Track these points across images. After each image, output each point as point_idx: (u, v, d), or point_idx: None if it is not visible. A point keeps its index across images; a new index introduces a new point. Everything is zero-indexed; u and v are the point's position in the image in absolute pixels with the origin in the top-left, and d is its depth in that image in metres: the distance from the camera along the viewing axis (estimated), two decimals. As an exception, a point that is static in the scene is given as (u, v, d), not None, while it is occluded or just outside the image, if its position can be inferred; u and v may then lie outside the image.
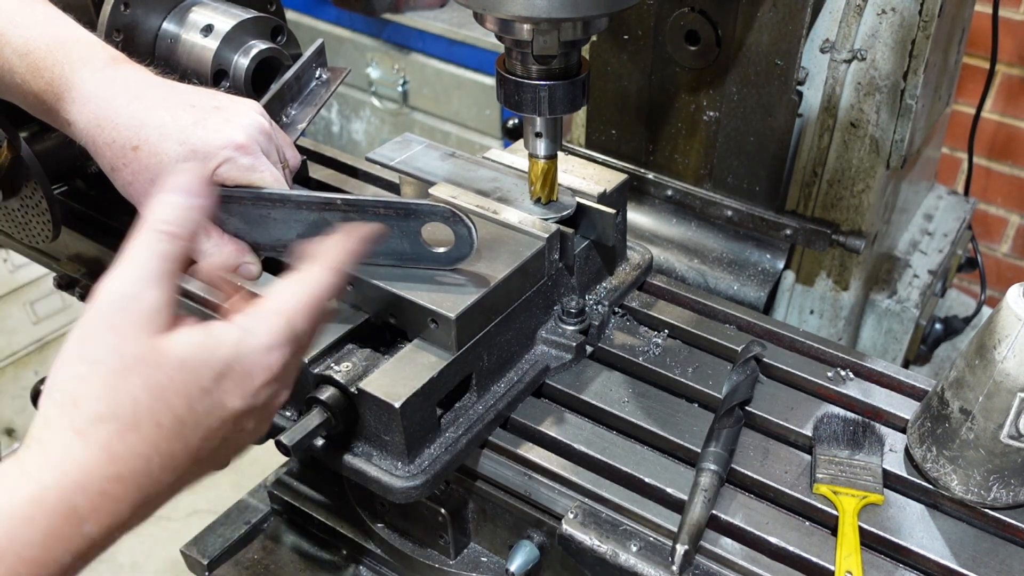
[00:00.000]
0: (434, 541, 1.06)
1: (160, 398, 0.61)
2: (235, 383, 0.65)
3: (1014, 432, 0.84)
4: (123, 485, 0.59)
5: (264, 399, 0.68)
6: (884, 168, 1.26)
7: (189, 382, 0.62)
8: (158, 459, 0.61)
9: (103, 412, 0.59)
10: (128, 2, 1.15)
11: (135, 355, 0.61)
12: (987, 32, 1.61)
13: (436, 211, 0.89)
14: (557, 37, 0.91)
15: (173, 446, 0.62)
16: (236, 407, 0.66)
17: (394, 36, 3.23)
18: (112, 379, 0.60)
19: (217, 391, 0.64)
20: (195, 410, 0.63)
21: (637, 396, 1.03)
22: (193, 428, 0.63)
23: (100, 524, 0.58)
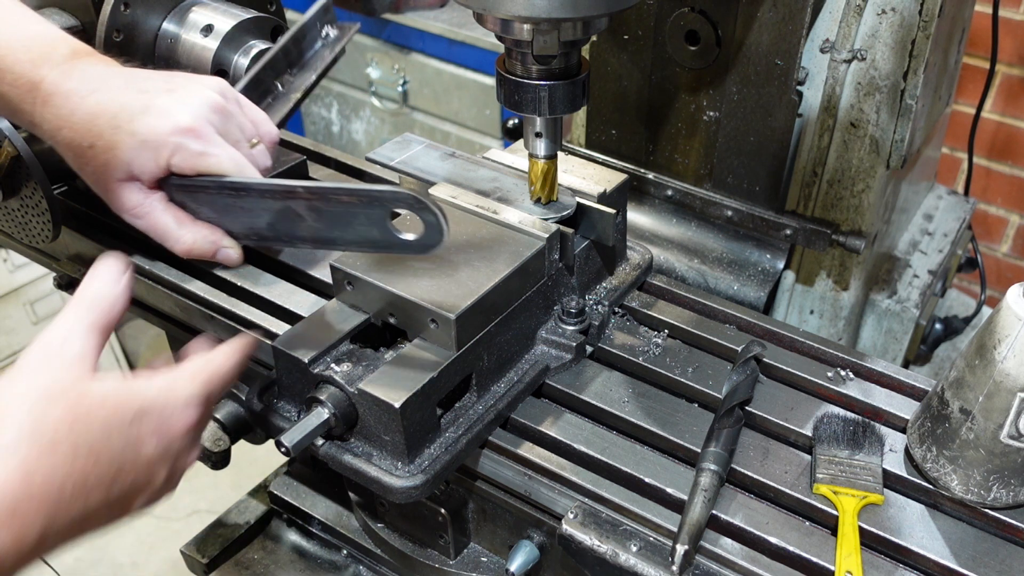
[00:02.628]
0: (434, 541, 1.06)
1: (79, 427, 0.64)
2: (153, 427, 0.69)
3: (1014, 432, 0.84)
4: (34, 505, 0.61)
5: (176, 451, 0.72)
6: (884, 168, 1.26)
7: (109, 417, 0.66)
8: (70, 485, 0.64)
9: (24, 435, 0.62)
10: (128, 2, 1.15)
11: (60, 388, 0.65)
12: (987, 32, 1.61)
13: (400, 198, 0.86)
14: (557, 37, 0.91)
15: (87, 476, 0.64)
16: (150, 451, 0.69)
17: (394, 36, 3.23)
18: (35, 407, 0.64)
19: (135, 431, 0.68)
20: (111, 446, 0.66)
21: (637, 396, 1.03)
22: (108, 463, 0.66)
23: (11, 534, 0.60)
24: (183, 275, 1.13)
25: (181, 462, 0.75)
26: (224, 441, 1.13)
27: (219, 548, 1.18)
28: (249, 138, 0.95)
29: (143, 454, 0.69)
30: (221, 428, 1.13)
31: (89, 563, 2.71)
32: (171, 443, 0.72)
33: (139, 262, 1.18)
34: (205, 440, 1.12)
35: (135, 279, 0.78)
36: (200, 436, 0.78)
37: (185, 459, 0.76)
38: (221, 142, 0.91)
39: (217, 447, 1.12)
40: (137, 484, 0.70)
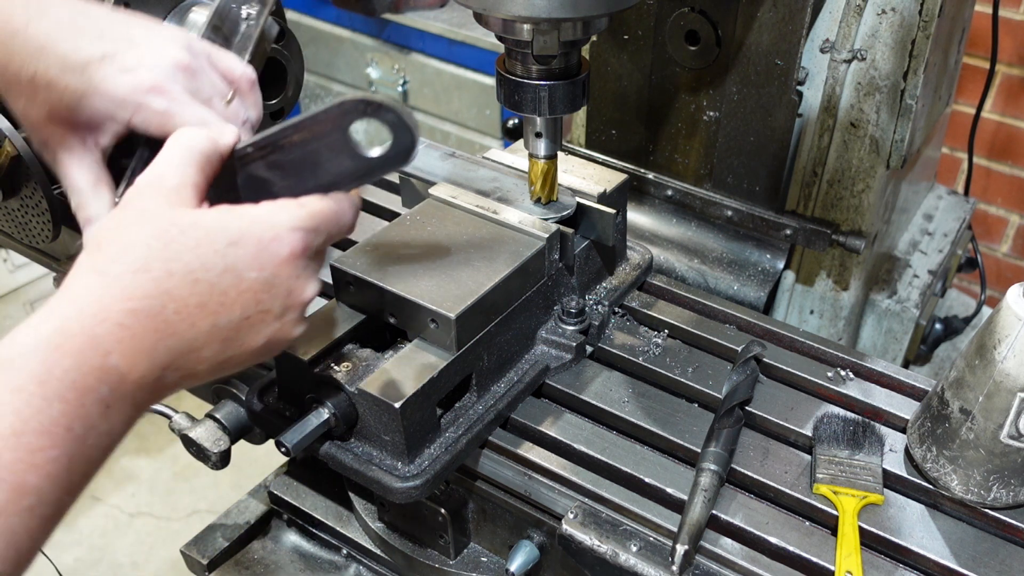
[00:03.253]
0: (434, 541, 1.06)
1: (171, 248, 0.64)
2: (252, 253, 0.67)
3: (1014, 432, 0.84)
4: (138, 320, 0.62)
5: (285, 281, 0.69)
6: (884, 168, 1.26)
7: (202, 240, 0.65)
8: (172, 304, 0.64)
9: (118, 254, 0.64)
10: (128, 2, 1.15)
11: (151, 213, 0.66)
12: (987, 32, 1.60)
13: (348, 108, 0.76)
14: (557, 37, 0.91)
15: (187, 298, 0.64)
16: (252, 277, 0.67)
17: (394, 36, 3.23)
18: (130, 229, 0.65)
19: (232, 255, 0.66)
20: (208, 268, 0.65)
21: (637, 396, 1.03)
22: (208, 287, 0.65)
23: (124, 357, 0.62)
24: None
25: (296, 295, 0.71)
26: (224, 441, 1.13)
27: (219, 548, 1.18)
28: (223, 95, 0.89)
29: (246, 279, 0.67)
30: (221, 428, 1.13)
31: (89, 563, 2.71)
32: (276, 271, 0.69)
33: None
34: (205, 440, 1.12)
35: None
36: (315, 268, 0.73)
37: (300, 292, 0.71)
38: (189, 101, 0.84)
39: (217, 447, 1.12)
40: (248, 315, 0.68)
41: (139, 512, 2.85)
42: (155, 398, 0.67)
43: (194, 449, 1.13)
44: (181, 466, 2.94)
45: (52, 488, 0.58)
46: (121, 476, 2.95)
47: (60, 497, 0.59)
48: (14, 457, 0.56)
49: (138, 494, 2.90)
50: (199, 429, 1.12)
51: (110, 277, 0.63)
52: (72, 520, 2.82)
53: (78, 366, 0.60)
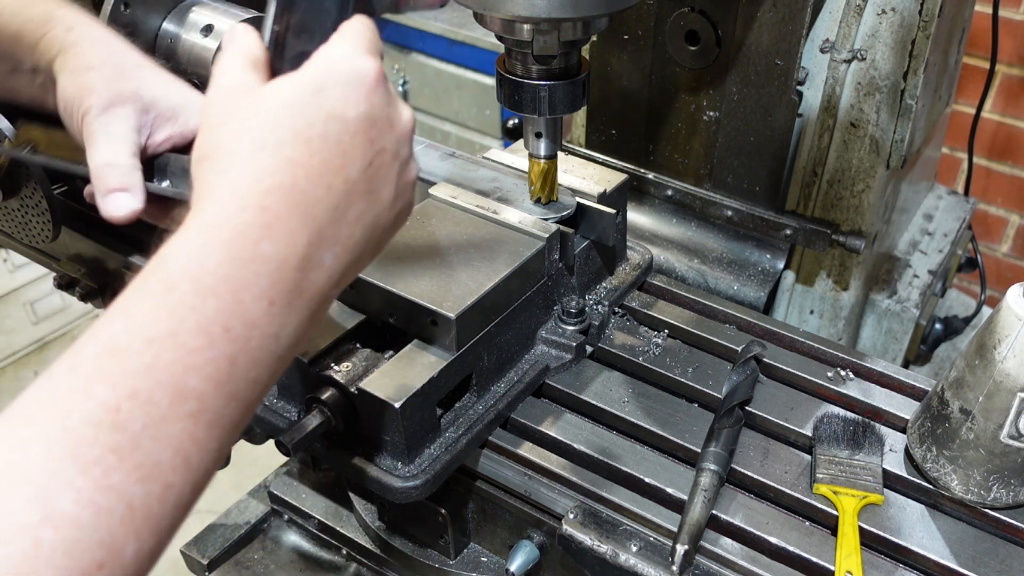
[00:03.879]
0: (434, 541, 1.06)
1: (270, 118, 0.62)
2: (339, 92, 0.64)
3: (1014, 432, 0.84)
4: (277, 198, 0.60)
5: (381, 110, 0.67)
6: (884, 168, 1.26)
7: (291, 101, 0.63)
8: (300, 171, 0.61)
9: (228, 146, 0.61)
10: (128, 2, 1.15)
11: (238, 99, 0.64)
12: (987, 32, 1.60)
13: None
14: (557, 37, 0.91)
15: (309, 159, 0.62)
16: (353, 115, 0.64)
17: (394, 36, 3.23)
18: (227, 124, 0.63)
19: (325, 103, 0.63)
20: (311, 123, 0.62)
21: (637, 396, 1.03)
22: (322, 143, 0.62)
23: (277, 241, 0.58)
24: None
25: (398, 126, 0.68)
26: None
27: (219, 548, 1.18)
28: None
29: (349, 121, 0.64)
30: (221, 428, 1.13)
31: (89, 563, 2.71)
32: (370, 102, 0.65)
33: (139, 262, 1.18)
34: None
35: None
36: (396, 98, 0.70)
37: (399, 120, 0.69)
38: None
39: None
40: (368, 159, 0.65)
41: (139, 512, 2.84)
42: (325, 289, 0.62)
43: (194, 449, 1.13)
44: (181, 466, 2.93)
45: (215, 393, 0.54)
46: (121, 476, 2.95)
47: (225, 404, 0.55)
48: (171, 358, 0.53)
49: (138, 494, 2.90)
50: (199, 429, 1.12)
51: (232, 170, 0.61)
52: (72, 520, 2.81)
53: (230, 258, 0.57)
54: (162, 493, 0.51)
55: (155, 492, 0.51)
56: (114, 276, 1.24)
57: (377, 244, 0.68)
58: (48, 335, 3.21)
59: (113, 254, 1.22)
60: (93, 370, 0.51)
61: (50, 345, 3.21)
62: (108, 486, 0.48)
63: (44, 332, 3.20)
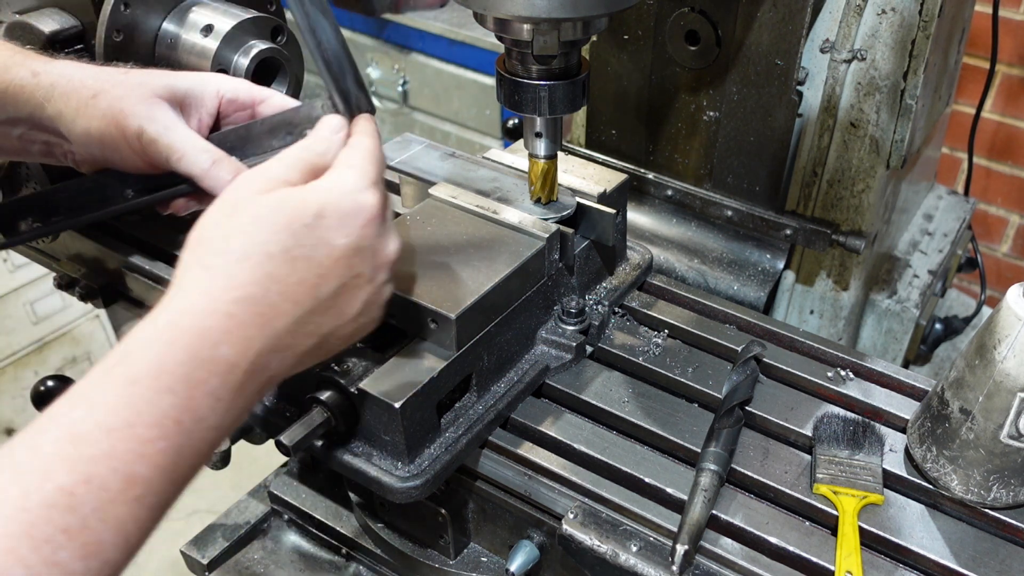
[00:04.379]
0: (434, 541, 1.06)
1: (266, 230, 0.67)
2: (336, 221, 0.70)
3: (1014, 432, 0.84)
4: (245, 308, 0.65)
5: (370, 241, 0.72)
6: (884, 168, 1.26)
7: (291, 217, 0.68)
8: (275, 287, 0.67)
9: (220, 247, 0.67)
10: (128, 2, 1.15)
11: (245, 200, 0.69)
12: (987, 32, 1.60)
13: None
14: (557, 37, 0.91)
15: (287, 277, 0.67)
16: (343, 242, 0.70)
17: (394, 36, 3.23)
18: (225, 220, 0.68)
19: (319, 227, 0.69)
20: (301, 243, 0.68)
21: (637, 396, 1.03)
22: (305, 262, 0.68)
23: (234, 346, 0.64)
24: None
25: (381, 255, 0.75)
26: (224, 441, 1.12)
27: (219, 548, 1.18)
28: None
29: (338, 246, 0.70)
30: (221, 428, 1.13)
31: (89, 563, 2.70)
32: (362, 234, 0.72)
33: (139, 262, 1.18)
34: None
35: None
36: (389, 220, 0.76)
37: (384, 250, 0.74)
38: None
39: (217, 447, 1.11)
40: (343, 281, 0.71)
41: (139, 512, 2.84)
42: (263, 388, 0.68)
43: (194, 449, 1.13)
44: (181, 466, 2.93)
45: (160, 479, 0.60)
46: (121, 476, 2.95)
47: (166, 488, 0.61)
48: (126, 448, 0.58)
49: (138, 494, 2.89)
50: (199, 429, 1.12)
51: (214, 270, 0.66)
52: (72, 520, 2.81)
53: (190, 359, 0.62)
54: (100, 568, 0.57)
55: (94, 568, 0.56)
56: (114, 276, 1.24)
57: (328, 350, 0.74)
58: (48, 335, 3.20)
59: (113, 254, 1.22)
60: (52, 453, 0.57)
61: (50, 345, 3.21)
62: (55, 562, 0.54)
63: (44, 332, 3.19)
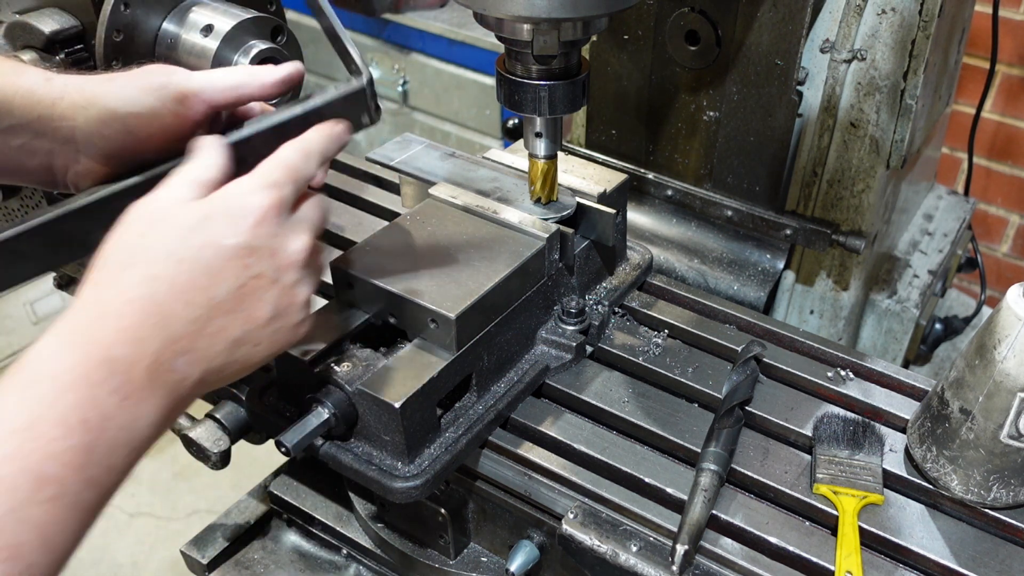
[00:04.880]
0: (434, 541, 1.06)
1: (149, 238, 0.69)
2: (223, 222, 0.71)
3: (1014, 432, 0.84)
4: (133, 310, 0.66)
5: (265, 240, 0.72)
6: (884, 168, 1.26)
7: (175, 223, 0.70)
8: (161, 287, 0.68)
9: (107, 259, 0.69)
10: (128, 2, 1.15)
11: (133, 216, 0.71)
12: (987, 32, 1.60)
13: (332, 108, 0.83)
14: (557, 37, 0.91)
15: (174, 278, 0.68)
16: (231, 244, 0.70)
17: (394, 36, 3.22)
18: (114, 241, 0.70)
19: (205, 230, 0.70)
20: (187, 245, 0.69)
21: (637, 396, 1.03)
22: (192, 263, 0.69)
23: (127, 347, 0.65)
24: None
25: (283, 255, 0.74)
26: (224, 441, 1.12)
27: (219, 548, 1.18)
28: None
29: (226, 248, 0.70)
30: (221, 428, 1.13)
31: (89, 563, 2.71)
32: (253, 232, 0.72)
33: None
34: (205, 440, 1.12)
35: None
36: (296, 227, 0.75)
37: (286, 250, 0.74)
38: None
39: (217, 447, 1.11)
40: (241, 282, 0.71)
41: (139, 512, 2.85)
42: (178, 390, 0.69)
43: (194, 449, 1.13)
44: (181, 466, 2.94)
45: (74, 479, 0.61)
46: (121, 476, 2.95)
47: (83, 489, 0.61)
48: (32, 447, 0.59)
49: (138, 494, 2.90)
50: (199, 429, 1.12)
51: (102, 283, 0.68)
52: (72, 520, 2.82)
53: (86, 359, 0.63)
54: (24, 571, 0.57)
55: (17, 571, 0.57)
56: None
57: (248, 356, 0.74)
58: (48, 335, 3.21)
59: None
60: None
61: (50, 345, 3.21)
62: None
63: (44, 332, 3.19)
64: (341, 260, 0.97)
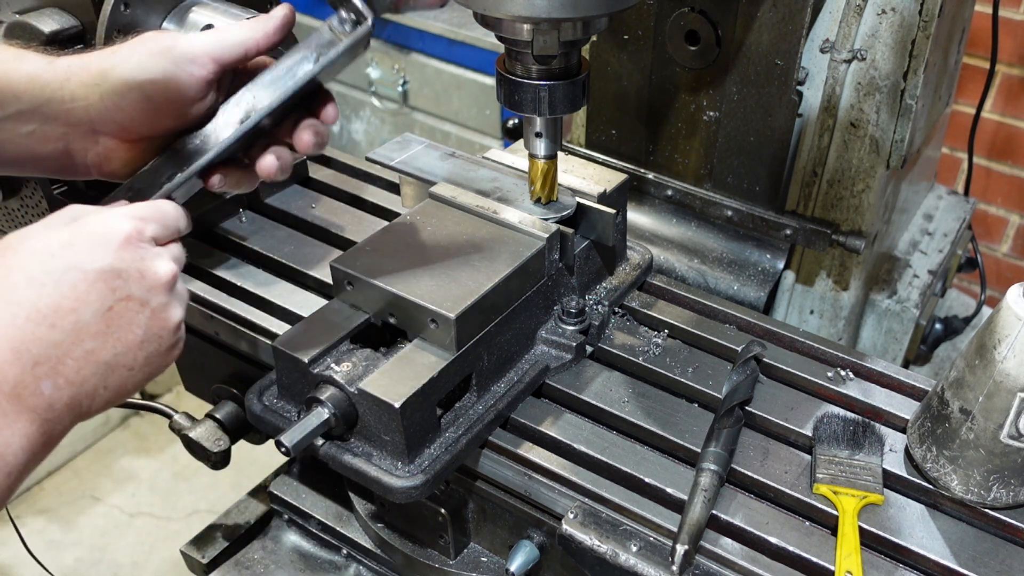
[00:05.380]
0: (434, 541, 1.06)
1: (7, 263, 0.70)
2: (85, 248, 0.72)
3: (1014, 432, 0.84)
4: (12, 331, 0.67)
5: (130, 264, 0.73)
6: (884, 168, 1.26)
7: (37, 249, 0.71)
8: (22, 311, 0.68)
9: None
10: (128, 2, 1.15)
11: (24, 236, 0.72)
12: (987, 32, 1.60)
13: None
14: (557, 37, 0.91)
15: (35, 301, 0.69)
16: (95, 268, 0.71)
17: (394, 36, 3.22)
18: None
19: (68, 255, 0.71)
20: (48, 271, 0.70)
21: (637, 396, 1.03)
22: (54, 288, 0.70)
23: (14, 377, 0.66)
24: (183, 275, 1.13)
25: (151, 277, 0.75)
26: (224, 441, 1.13)
27: (219, 548, 1.18)
28: None
29: (89, 271, 0.71)
30: (221, 428, 1.13)
31: (89, 563, 2.71)
32: (117, 256, 0.73)
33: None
34: (205, 440, 1.12)
35: None
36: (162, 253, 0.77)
37: (154, 273, 0.75)
38: None
39: (217, 447, 1.12)
40: (108, 304, 0.72)
41: (139, 512, 2.85)
42: (47, 414, 0.69)
43: (194, 449, 1.13)
44: (181, 466, 2.94)
45: None
46: (121, 476, 2.95)
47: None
48: None
49: (138, 494, 2.90)
50: (199, 429, 1.12)
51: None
52: (72, 520, 2.82)
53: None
54: None
55: None
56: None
57: (122, 381, 0.74)
58: (48, 335, 3.21)
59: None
60: None
61: (50, 345, 3.21)
62: None
63: (44, 332, 3.19)
64: (341, 260, 0.97)
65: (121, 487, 2.92)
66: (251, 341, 1.12)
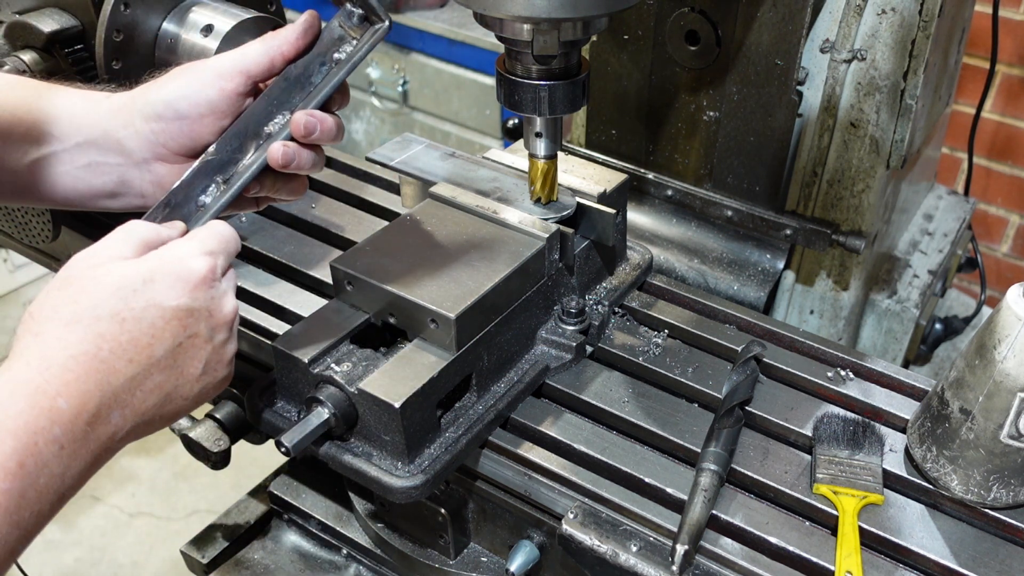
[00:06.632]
0: (434, 541, 1.06)
1: (94, 297, 0.72)
2: (166, 284, 0.75)
3: (1014, 432, 0.84)
4: (79, 364, 0.70)
5: (203, 303, 0.77)
6: (884, 168, 1.26)
7: (119, 284, 0.73)
8: (106, 345, 0.71)
9: (49, 315, 0.72)
10: (128, 2, 1.15)
11: (75, 274, 0.75)
12: (987, 32, 1.61)
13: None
14: (557, 37, 0.91)
15: (118, 336, 0.72)
16: (172, 306, 0.75)
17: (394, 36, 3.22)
18: (55, 293, 0.74)
19: (148, 291, 0.74)
20: (130, 306, 0.73)
21: (637, 396, 1.03)
22: (135, 323, 0.73)
23: (71, 399, 0.68)
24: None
25: (217, 315, 0.79)
26: (224, 441, 1.13)
27: (219, 548, 1.18)
28: None
29: (168, 309, 0.74)
30: (221, 428, 1.13)
31: (89, 563, 2.71)
32: (193, 295, 0.76)
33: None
34: (205, 440, 1.12)
35: None
36: (227, 289, 0.81)
37: (220, 311, 0.79)
38: None
39: (217, 447, 1.12)
40: (179, 341, 0.76)
41: (139, 512, 2.85)
42: (109, 443, 0.72)
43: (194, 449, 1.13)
44: (181, 466, 2.94)
45: (3, 521, 0.63)
46: (121, 476, 2.96)
47: (10, 532, 0.64)
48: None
49: (138, 494, 2.90)
50: (199, 429, 1.12)
51: (45, 335, 0.71)
52: (72, 520, 2.82)
53: (29, 408, 0.66)
54: None
55: None
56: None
57: (176, 409, 0.78)
58: (48, 335, 3.20)
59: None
60: None
61: (50, 345, 3.21)
62: None
63: (44, 332, 3.19)
64: (341, 260, 0.97)
65: (121, 487, 2.92)
66: (251, 341, 1.12)
